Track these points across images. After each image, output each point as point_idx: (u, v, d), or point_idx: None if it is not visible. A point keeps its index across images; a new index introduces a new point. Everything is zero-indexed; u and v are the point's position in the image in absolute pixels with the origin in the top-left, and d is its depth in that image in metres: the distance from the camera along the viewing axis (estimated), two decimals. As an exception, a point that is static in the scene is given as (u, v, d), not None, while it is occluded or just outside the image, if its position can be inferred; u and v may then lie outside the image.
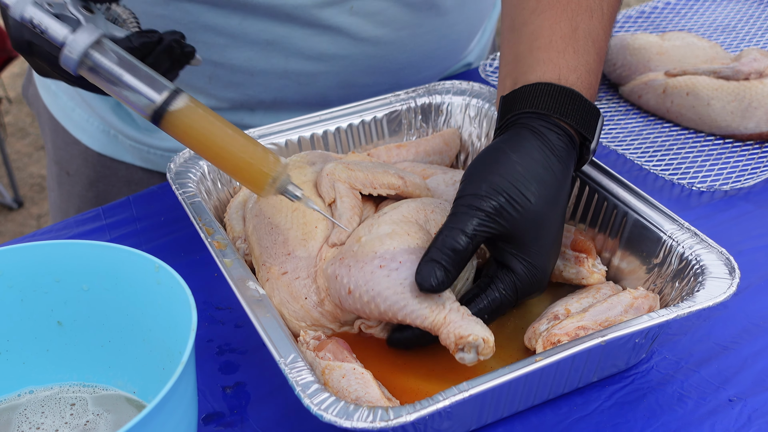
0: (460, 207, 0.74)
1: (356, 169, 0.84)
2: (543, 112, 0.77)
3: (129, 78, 0.72)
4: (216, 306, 0.86)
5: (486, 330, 0.70)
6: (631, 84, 1.18)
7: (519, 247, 0.74)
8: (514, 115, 0.79)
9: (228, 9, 1.01)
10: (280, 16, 1.01)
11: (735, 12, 1.42)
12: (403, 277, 0.72)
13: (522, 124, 0.78)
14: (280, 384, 0.77)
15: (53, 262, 0.68)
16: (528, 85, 0.79)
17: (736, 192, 1.01)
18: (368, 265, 0.73)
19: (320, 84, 1.07)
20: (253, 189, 0.75)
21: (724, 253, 0.77)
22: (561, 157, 0.77)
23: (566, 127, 0.78)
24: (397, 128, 1.02)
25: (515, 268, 0.74)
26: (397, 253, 0.73)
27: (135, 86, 0.72)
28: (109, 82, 0.72)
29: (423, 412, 0.63)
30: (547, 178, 0.75)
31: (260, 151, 0.74)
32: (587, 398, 0.76)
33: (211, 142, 0.74)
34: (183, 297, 0.63)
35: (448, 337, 0.70)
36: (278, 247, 0.80)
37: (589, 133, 0.79)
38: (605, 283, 0.82)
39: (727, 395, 0.76)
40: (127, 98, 0.73)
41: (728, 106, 1.10)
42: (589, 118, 0.79)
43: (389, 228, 0.76)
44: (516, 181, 0.74)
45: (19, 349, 0.69)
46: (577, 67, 0.81)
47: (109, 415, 0.68)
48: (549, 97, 0.78)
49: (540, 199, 0.74)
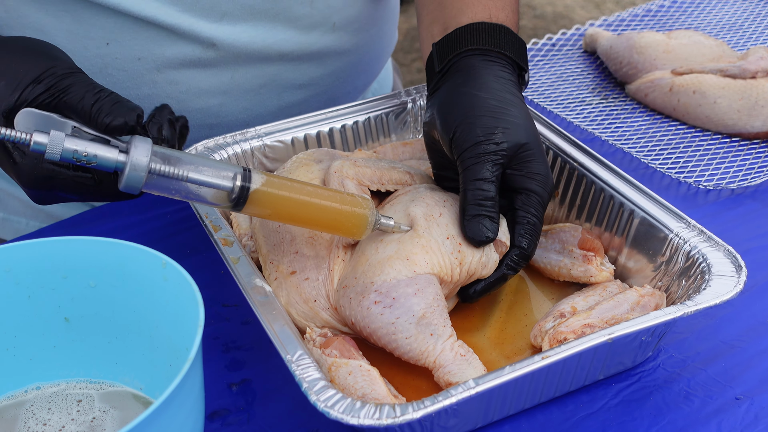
0: (469, 160, 0.78)
1: (363, 165, 0.84)
2: (485, 48, 0.83)
3: (197, 176, 0.69)
4: (222, 303, 0.86)
5: (477, 372, 0.71)
6: (638, 82, 1.18)
7: (522, 166, 0.79)
8: (455, 55, 0.84)
9: (218, 68, 1.00)
10: (272, 57, 1.01)
11: (742, 10, 1.41)
12: (395, 316, 0.72)
13: (469, 64, 0.83)
14: (287, 381, 0.77)
15: (60, 258, 0.68)
16: (462, 26, 0.85)
17: (743, 190, 1.01)
18: (365, 300, 0.74)
19: (310, 109, 1.08)
20: (354, 235, 0.75)
21: (730, 251, 0.76)
22: (513, 82, 0.83)
23: (507, 58, 0.84)
24: (404, 125, 1.01)
25: (530, 187, 0.79)
26: (392, 287, 0.73)
27: (207, 182, 0.69)
28: (175, 190, 0.69)
29: (430, 410, 0.63)
30: (514, 99, 0.81)
31: (346, 195, 0.74)
32: (593, 396, 0.76)
33: (303, 205, 0.72)
34: (190, 293, 0.63)
35: (440, 382, 0.72)
36: (285, 245, 0.80)
37: (524, 62, 0.85)
38: (612, 281, 0.82)
39: (733, 393, 0.76)
40: (202, 197, 0.70)
41: (735, 105, 1.09)
42: (521, 50, 0.86)
43: (393, 249, 0.75)
44: (497, 113, 0.79)
45: (26, 346, 0.69)
46: (504, 7, 0.88)
47: (115, 411, 0.68)
48: (486, 35, 0.84)
49: (519, 118, 0.80)
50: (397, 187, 0.84)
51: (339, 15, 1.03)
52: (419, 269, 0.74)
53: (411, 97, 1.02)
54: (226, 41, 0.97)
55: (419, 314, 0.72)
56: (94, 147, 0.66)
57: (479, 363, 0.72)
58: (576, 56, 1.31)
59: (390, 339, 0.73)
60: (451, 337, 0.73)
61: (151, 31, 0.94)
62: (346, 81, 1.11)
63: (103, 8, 0.92)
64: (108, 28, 0.93)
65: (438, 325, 0.73)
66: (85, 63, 0.95)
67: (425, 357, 0.72)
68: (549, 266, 0.84)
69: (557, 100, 1.19)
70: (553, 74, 1.26)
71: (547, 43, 1.34)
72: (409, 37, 3.32)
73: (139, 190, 0.68)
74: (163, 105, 0.76)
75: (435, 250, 0.76)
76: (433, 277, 0.75)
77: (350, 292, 0.75)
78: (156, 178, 0.68)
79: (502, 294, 0.84)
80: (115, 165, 0.67)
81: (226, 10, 0.96)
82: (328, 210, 0.73)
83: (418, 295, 0.73)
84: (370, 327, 0.73)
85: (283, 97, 1.06)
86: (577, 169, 0.89)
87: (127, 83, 0.97)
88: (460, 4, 0.89)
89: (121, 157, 0.67)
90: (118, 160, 0.67)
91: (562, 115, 1.15)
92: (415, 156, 0.96)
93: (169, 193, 0.69)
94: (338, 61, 1.08)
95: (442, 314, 0.74)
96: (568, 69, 1.28)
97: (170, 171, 0.68)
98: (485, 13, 0.87)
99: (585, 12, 3.51)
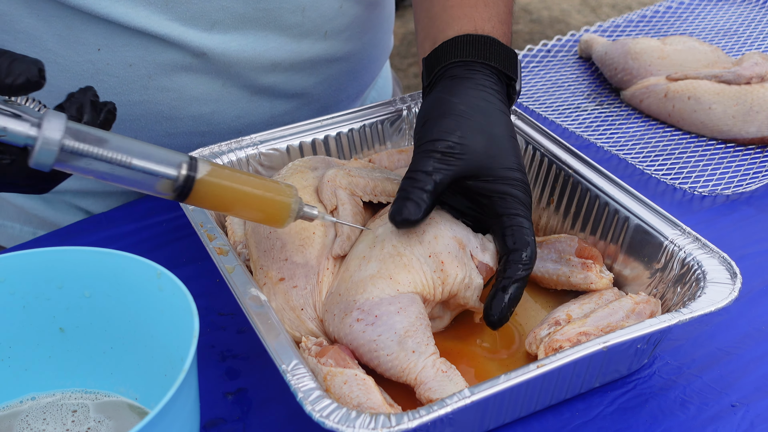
0: (418, 153, 0.78)
1: (357, 175, 0.84)
2: (467, 60, 0.83)
3: (132, 160, 0.65)
4: (218, 312, 0.86)
5: (458, 389, 0.70)
6: (633, 88, 1.18)
7: (491, 172, 0.78)
8: (440, 68, 0.85)
9: (210, 75, 1.00)
10: (265, 66, 1.01)
11: (736, 16, 1.42)
12: (377, 333, 0.72)
13: (451, 75, 0.83)
14: (283, 390, 0.77)
15: (55, 268, 0.68)
16: (448, 40, 0.85)
17: (738, 196, 1.01)
18: (348, 317, 0.74)
19: (303, 117, 1.08)
20: (276, 223, 0.73)
21: (725, 258, 0.77)
22: (494, 90, 0.83)
23: (491, 68, 0.83)
24: (399, 133, 1.02)
25: (505, 190, 0.78)
26: (374, 306, 0.73)
27: (144, 167, 0.65)
28: (90, 170, 0.64)
29: (425, 419, 0.63)
30: (487, 107, 0.81)
31: (269, 182, 0.72)
32: (589, 404, 0.76)
33: (239, 193, 0.70)
34: (185, 304, 0.63)
35: (421, 398, 0.71)
36: (276, 251, 0.80)
37: (512, 72, 0.85)
38: (609, 289, 0.82)
39: (729, 401, 0.76)
40: (137, 182, 0.65)
41: (730, 111, 1.10)
42: (509, 60, 0.85)
43: (375, 268, 0.75)
44: (461, 117, 0.79)
45: (21, 356, 0.69)
46: (491, 18, 0.88)
47: (110, 421, 0.68)
48: (470, 46, 0.84)
49: (487, 125, 0.79)
50: (390, 199, 0.84)
51: (331, 24, 1.03)
52: (402, 288, 0.74)
53: (406, 105, 1.02)
54: (217, 50, 0.97)
55: (402, 332, 0.72)
56: (3, 120, 0.61)
57: (461, 380, 0.71)
58: (571, 62, 1.31)
59: (372, 356, 0.73)
60: (434, 355, 0.73)
61: (142, 39, 0.94)
62: (339, 89, 1.11)
63: (94, 16, 0.92)
64: (99, 34, 0.93)
65: (420, 343, 0.73)
66: (76, 68, 0.95)
67: (406, 374, 0.72)
68: (547, 275, 0.84)
69: (552, 107, 1.19)
70: (548, 80, 1.26)
71: (542, 49, 1.34)
72: (405, 41, 3.33)
73: (50, 167, 0.63)
74: (87, 87, 0.70)
75: (417, 269, 0.75)
76: (416, 296, 0.75)
77: (335, 308, 0.75)
78: (70, 156, 0.63)
79: (498, 302, 0.84)
80: (25, 140, 0.62)
81: (216, 19, 0.96)
82: (258, 199, 0.70)
83: (400, 313, 0.73)
84: (352, 344, 0.73)
85: (275, 105, 1.06)
86: (572, 176, 0.89)
87: (118, 89, 0.97)
88: (446, 17, 0.89)
89: (32, 131, 0.62)
90: (29, 135, 0.62)
91: (557, 121, 1.15)
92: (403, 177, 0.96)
93: (83, 173, 0.65)
94: (331, 69, 1.08)
95: (425, 332, 0.73)
96: (563, 75, 1.28)
97: (85, 149, 0.63)
98: (470, 25, 0.87)
99: (581, 16, 3.51)
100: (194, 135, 1.03)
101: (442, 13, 0.90)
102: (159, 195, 0.68)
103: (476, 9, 0.88)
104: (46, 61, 0.94)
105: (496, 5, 0.90)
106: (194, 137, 1.03)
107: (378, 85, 1.27)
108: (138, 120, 1.00)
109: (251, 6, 0.96)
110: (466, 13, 0.88)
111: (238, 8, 0.96)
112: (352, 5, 1.04)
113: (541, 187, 0.93)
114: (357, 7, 1.05)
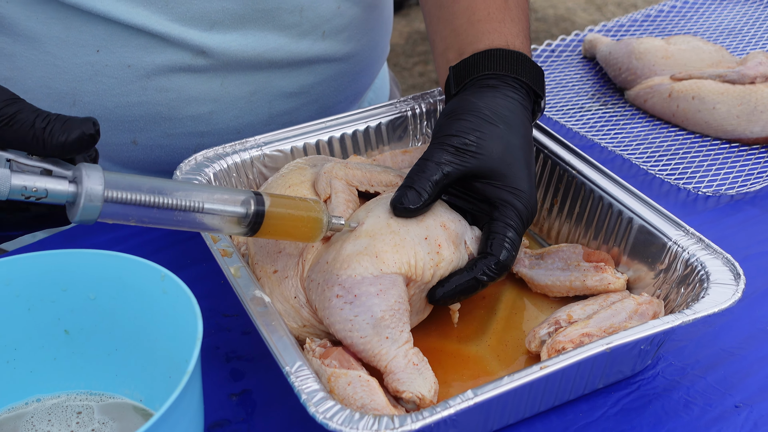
0: (433, 144, 0.80)
1: (354, 167, 0.85)
2: (500, 73, 0.85)
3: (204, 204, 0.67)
4: (223, 313, 0.86)
5: (426, 384, 0.70)
6: (637, 88, 1.18)
7: (501, 178, 0.79)
8: (471, 79, 0.86)
9: (208, 75, 1.00)
10: (261, 65, 1.02)
11: (741, 15, 1.41)
12: (353, 314, 0.72)
13: (481, 84, 0.85)
14: (287, 391, 0.77)
15: (60, 271, 0.68)
16: (479, 52, 0.87)
17: (743, 196, 1.01)
18: (328, 291, 0.73)
19: (302, 118, 1.08)
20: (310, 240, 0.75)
21: (729, 259, 0.77)
22: (522, 105, 0.84)
23: (522, 83, 0.85)
24: (403, 134, 1.02)
25: (506, 198, 0.78)
26: (355, 284, 0.73)
27: (214, 209, 0.68)
28: (132, 216, 0.64)
29: (428, 420, 0.63)
30: (511, 117, 0.82)
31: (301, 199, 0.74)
32: (593, 405, 0.76)
33: (293, 219, 0.72)
34: (189, 306, 0.63)
35: (388, 387, 0.71)
36: (270, 245, 0.80)
37: (540, 89, 0.87)
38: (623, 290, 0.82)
39: (733, 401, 0.76)
40: (205, 225, 0.68)
41: (734, 110, 1.10)
42: (538, 78, 0.87)
43: (363, 244, 0.75)
44: (483, 120, 0.80)
45: (26, 358, 0.70)
46: (518, 34, 0.90)
47: (115, 423, 0.68)
48: (503, 60, 0.86)
49: (506, 130, 0.81)
50: (386, 189, 0.84)
51: (329, 24, 1.04)
52: (386, 268, 0.73)
53: (410, 106, 1.02)
54: (217, 49, 0.98)
55: (378, 315, 0.72)
56: (43, 181, 0.61)
57: (431, 374, 0.71)
58: (575, 62, 1.31)
59: (346, 335, 0.73)
60: (407, 343, 0.73)
61: (141, 39, 0.95)
62: (338, 89, 1.11)
63: (93, 16, 0.92)
64: (99, 35, 0.94)
65: (395, 329, 0.72)
66: (75, 70, 0.96)
67: (377, 360, 0.72)
68: (558, 282, 0.83)
69: (556, 107, 1.19)
70: (552, 80, 1.26)
71: (546, 49, 1.34)
72: (411, 40, 3.33)
73: (94, 221, 0.63)
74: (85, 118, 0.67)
75: (407, 249, 0.74)
76: (399, 278, 0.74)
77: (319, 276, 0.75)
78: (112, 206, 0.63)
79: (501, 303, 0.84)
80: (66, 198, 0.62)
81: (216, 19, 0.96)
82: (296, 219, 0.73)
83: (380, 295, 0.72)
84: (329, 319, 0.73)
85: (274, 104, 1.06)
86: (576, 177, 0.89)
87: (116, 90, 0.97)
88: (475, 31, 0.90)
89: (72, 188, 0.62)
90: (69, 192, 0.62)
91: (561, 121, 1.15)
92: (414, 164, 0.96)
93: (125, 220, 0.65)
94: (329, 69, 1.08)
95: (402, 318, 0.73)
96: (567, 75, 1.28)
97: (128, 197, 0.64)
98: (502, 40, 0.89)
99: (587, 15, 3.51)
100: (193, 135, 1.04)
101: (470, 27, 0.91)
102: (227, 233, 0.71)
103: (504, 24, 0.90)
104: (45, 63, 0.95)
105: (521, 21, 0.92)
106: (193, 137, 1.04)
107: (376, 86, 1.27)
108: (137, 121, 1.01)
109: (250, 6, 0.97)
110: (496, 28, 0.90)
111: (237, 8, 0.96)
112: (350, 6, 1.05)
113: (544, 189, 0.93)
114: (355, 9, 1.06)
